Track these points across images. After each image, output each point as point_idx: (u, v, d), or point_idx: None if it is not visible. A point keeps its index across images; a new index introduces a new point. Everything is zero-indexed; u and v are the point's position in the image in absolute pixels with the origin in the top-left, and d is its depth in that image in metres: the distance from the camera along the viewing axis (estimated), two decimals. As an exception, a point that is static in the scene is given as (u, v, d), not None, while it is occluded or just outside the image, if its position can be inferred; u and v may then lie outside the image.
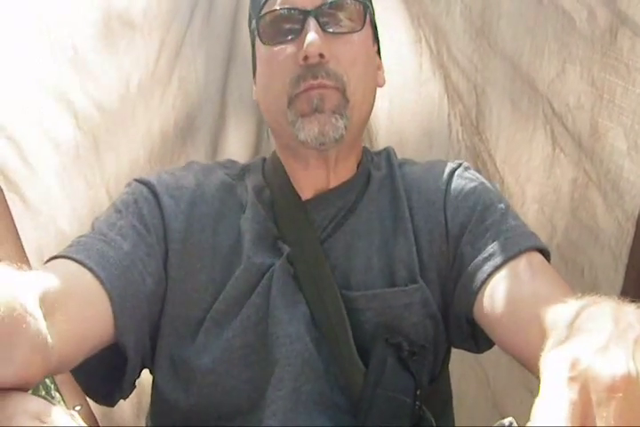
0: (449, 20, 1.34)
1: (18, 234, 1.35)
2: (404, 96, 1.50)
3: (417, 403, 0.88)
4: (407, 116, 1.51)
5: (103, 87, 1.40)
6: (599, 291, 1.25)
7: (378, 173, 1.07)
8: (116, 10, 1.37)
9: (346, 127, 0.95)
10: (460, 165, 1.05)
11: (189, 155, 1.55)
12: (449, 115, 1.42)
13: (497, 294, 0.88)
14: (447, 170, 1.04)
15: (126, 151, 1.46)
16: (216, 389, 0.92)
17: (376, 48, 1.10)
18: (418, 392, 0.88)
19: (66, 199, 1.41)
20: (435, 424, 0.90)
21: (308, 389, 0.90)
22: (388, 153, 1.11)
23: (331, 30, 0.97)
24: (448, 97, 1.42)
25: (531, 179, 1.30)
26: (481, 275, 0.91)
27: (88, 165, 1.42)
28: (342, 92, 0.95)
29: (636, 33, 1.06)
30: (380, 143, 1.57)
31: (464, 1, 1.31)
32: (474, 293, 0.92)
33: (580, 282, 1.27)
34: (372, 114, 1.58)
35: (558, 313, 0.72)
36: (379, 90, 1.06)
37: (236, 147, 1.62)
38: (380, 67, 1.10)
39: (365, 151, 1.11)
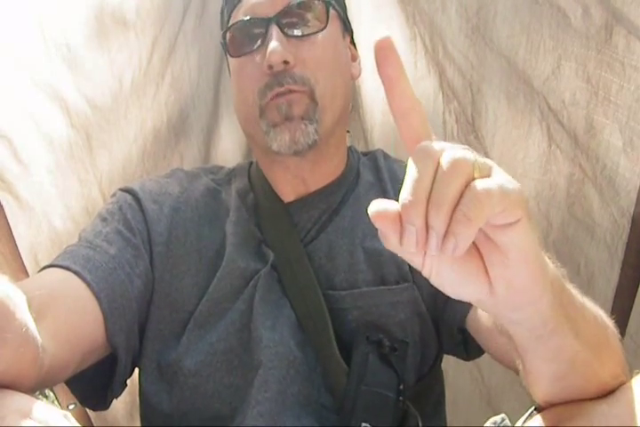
0: (444, 18, 1.34)
1: (11, 232, 1.34)
2: (399, 94, 1.49)
3: (400, 398, 0.88)
4: (402, 114, 1.50)
5: (96, 85, 1.39)
6: (595, 287, 1.26)
7: (367, 175, 1.06)
8: (109, 7, 1.36)
9: (317, 131, 0.96)
10: None
11: (182, 153, 1.55)
12: (444, 112, 1.42)
13: None
14: None
15: (119, 149, 1.46)
16: (198, 392, 0.93)
17: (348, 39, 1.10)
18: (401, 387, 0.88)
19: (59, 197, 1.40)
20: (420, 419, 0.90)
21: (294, 391, 0.91)
22: (375, 156, 1.11)
23: (294, 34, 0.97)
24: (443, 94, 1.41)
25: (527, 175, 1.30)
26: None
27: (81, 163, 1.41)
28: (310, 95, 0.96)
29: (631, 31, 1.06)
30: (375, 141, 1.56)
31: (459, -2, 1.31)
32: (468, 303, 0.92)
33: (576, 278, 1.27)
34: (367, 112, 1.59)
35: None
36: (373, 89, 1.05)
37: (230, 145, 1.62)
38: (354, 57, 1.10)
39: (352, 152, 1.11)
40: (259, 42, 0.97)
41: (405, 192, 0.50)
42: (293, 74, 0.95)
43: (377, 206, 0.51)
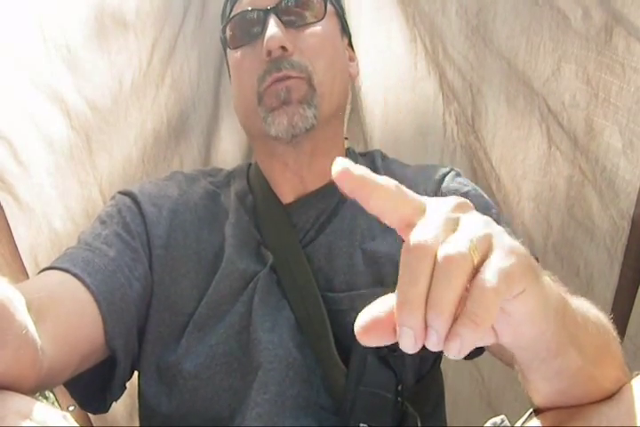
0: (445, 19, 1.34)
1: (11, 233, 1.34)
2: (399, 95, 1.50)
3: (399, 399, 0.88)
4: (402, 116, 1.51)
5: (96, 86, 1.39)
6: (594, 289, 1.26)
7: None
8: (109, 8, 1.37)
9: (315, 116, 0.96)
10: (451, 169, 1.06)
11: (183, 154, 1.55)
12: (444, 113, 1.42)
13: None
14: (438, 174, 1.04)
15: (119, 150, 1.46)
16: (197, 394, 0.92)
17: (346, 41, 1.11)
18: (399, 388, 0.88)
19: (59, 198, 1.40)
20: (419, 420, 0.90)
21: (293, 392, 0.90)
22: (373, 156, 1.11)
23: (292, 23, 0.98)
24: (443, 96, 1.42)
25: (526, 177, 1.30)
26: None
27: (81, 165, 1.41)
28: (308, 81, 0.96)
29: (631, 32, 1.07)
30: (375, 142, 1.56)
31: (460, 0, 1.31)
32: None
33: (576, 280, 1.28)
34: (367, 114, 1.59)
35: None
36: (374, 90, 1.05)
37: (230, 146, 1.62)
38: (352, 58, 1.11)
39: (351, 153, 1.11)
40: (258, 32, 0.98)
41: (401, 295, 0.47)
42: (292, 60, 0.96)
43: (364, 320, 0.48)
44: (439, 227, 0.49)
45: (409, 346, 0.47)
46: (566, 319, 0.59)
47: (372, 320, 0.48)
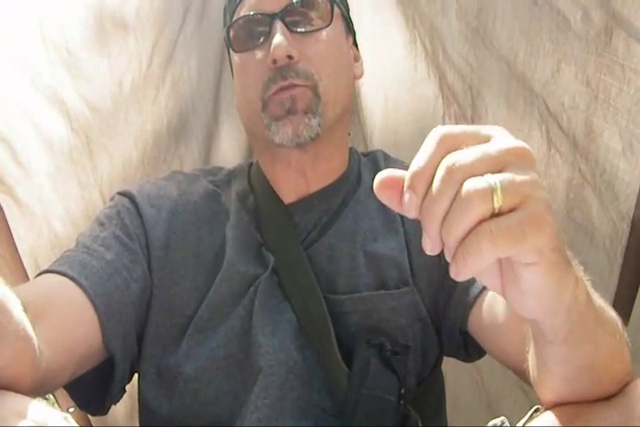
0: (444, 21, 1.34)
1: (11, 235, 1.34)
2: (399, 97, 1.50)
3: (401, 402, 0.88)
4: (402, 117, 1.51)
5: (96, 88, 1.39)
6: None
7: (368, 177, 1.06)
8: (109, 10, 1.37)
9: (320, 125, 0.95)
10: None
11: (183, 156, 1.55)
12: (444, 115, 1.42)
13: (494, 305, 0.87)
14: None
15: (119, 152, 1.46)
16: (197, 397, 0.92)
17: (351, 40, 1.10)
18: (402, 391, 0.88)
19: (59, 200, 1.40)
20: (420, 422, 0.90)
21: (294, 396, 0.90)
22: (375, 157, 1.10)
23: (298, 30, 0.97)
24: (443, 97, 1.41)
25: (526, 179, 1.30)
26: (475, 289, 0.92)
27: (81, 167, 1.41)
28: (313, 89, 0.95)
29: (631, 34, 1.06)
30: (375, 144, 1.56)
31: (459, 1, 1.31)
32: (469, 305, 0.92)
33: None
34: (367, 114, 1.59)
35: None
36: (374, 92, 1.05)
37: (230, 147, 1.62)
38: (357, 58, 1.10)
39: (353, 153, 1.10)
40: (263, 37, 0.97)
41: (427, 205, 0.48)
42: (297, 69, 0.95)
43: (383, 175, 0.51)
44: (483, 160, 0.48)
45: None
46: (587, 315, 0.58)
47: (391, 178, 0.50)
